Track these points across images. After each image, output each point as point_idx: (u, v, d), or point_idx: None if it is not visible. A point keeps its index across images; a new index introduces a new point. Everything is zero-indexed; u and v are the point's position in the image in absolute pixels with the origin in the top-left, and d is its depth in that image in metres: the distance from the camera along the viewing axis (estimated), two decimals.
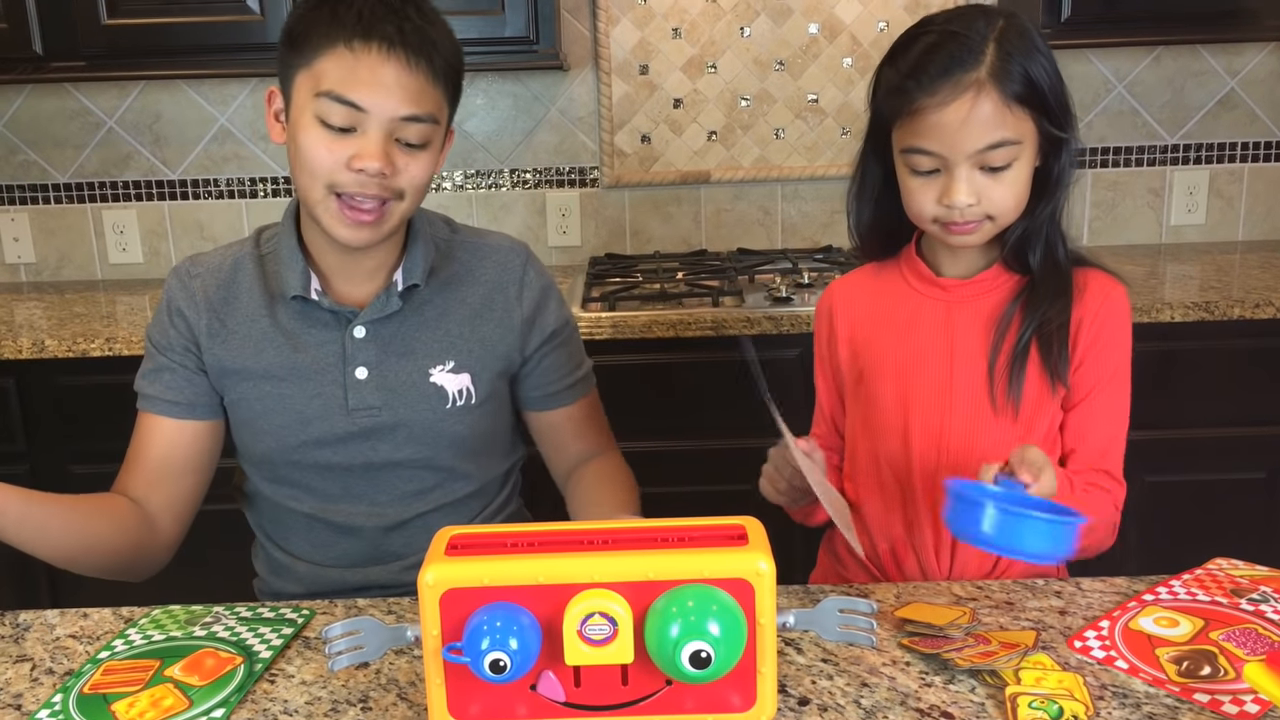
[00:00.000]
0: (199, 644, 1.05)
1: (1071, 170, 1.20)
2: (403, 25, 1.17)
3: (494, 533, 0.90)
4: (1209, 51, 2.61)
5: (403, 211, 1.24)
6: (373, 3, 1.18)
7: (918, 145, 1.15)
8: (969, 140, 1.12)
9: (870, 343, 1.30)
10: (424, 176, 1.23)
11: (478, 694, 0.87)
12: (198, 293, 1.32)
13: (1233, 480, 2.22)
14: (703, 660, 0.81)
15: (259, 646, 1.04)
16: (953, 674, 0.96)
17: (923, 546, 1.28)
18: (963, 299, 1.25)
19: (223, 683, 0.98)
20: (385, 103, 1.17)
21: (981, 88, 1.12)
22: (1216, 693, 0.92)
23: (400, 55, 1.17)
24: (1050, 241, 1.22)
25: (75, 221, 2.71)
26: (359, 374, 1.29)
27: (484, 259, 1.37)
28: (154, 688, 0.98)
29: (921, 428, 1.25)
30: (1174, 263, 2.54)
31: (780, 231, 2.71)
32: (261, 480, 1.36)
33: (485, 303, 1.35)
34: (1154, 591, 1.10)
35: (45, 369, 2.14)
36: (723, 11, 2.59)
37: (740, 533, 0.88)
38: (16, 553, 1.18)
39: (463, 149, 2.66)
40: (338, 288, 1.31)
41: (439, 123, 1.23)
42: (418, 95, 1.19)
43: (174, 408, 1.31)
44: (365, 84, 1.16)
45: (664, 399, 2.14)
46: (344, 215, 1.20)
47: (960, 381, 1.24)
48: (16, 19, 2.26)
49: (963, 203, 1.14)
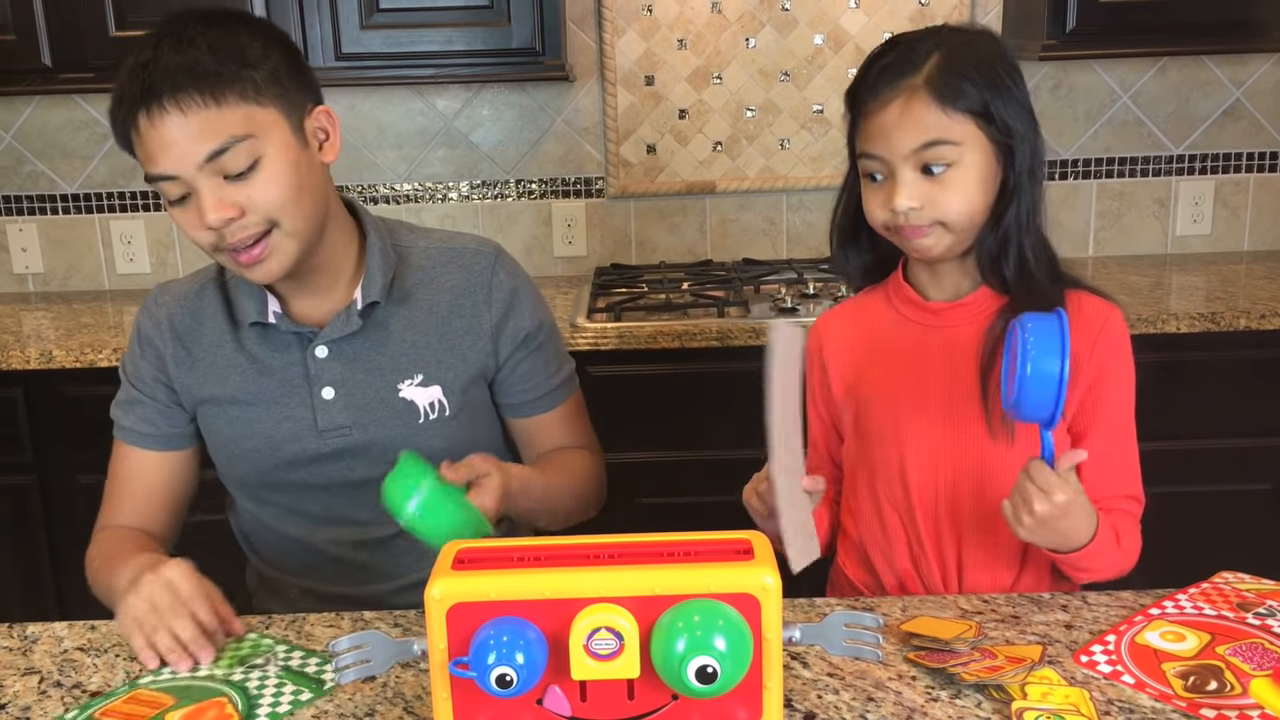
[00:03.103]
0: (218, 691, 1.02)
1: (1035, 180, 1.19)
2: (154, 78, 1.11)
3: (500, 547, 0.90)
4: (1214, 62, 2.61)
5: (294, 235, 1.19)
6: (127, 80, 1.13)
7: (864, 149, 1.19)
8: (904, 139, 1.15)
9: (862, 373, 1.29)
10: (276, 195, 1.16)
11: (484, 708, 0.87)
12: (163, 321, 1.32)
13: (1239, 492, 2.21)
14: (709, 675, 0.81)
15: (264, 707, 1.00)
16: (959, 688, 0.96)
17: (929, 575, 1.26)
18: (952, 323, 1.24)
19: None
20: (181, 159, 1.13)
21: (915, 91, 1.15)
22: (1224, 708, 0.92)
23: (169, 106, 1.11)
24: (1023, 253, 1.20)
25: (83, 232, 2.72)
26: (325, 394, 1.28)
27: (449, 263, 1.33)
28: None
29: (917, 456, 1.24)
30: (1179, 273, 2.54)
31: (785, 242, 2.72)
32: (245, 501, 1.37)
33: (452, 309, 1.31)
34: (1160, 605, 1.10)
35: (52, 379, 2.15)
36: (728, 22, 2.59)
37: (746, 547, 0.88)
38: (24, 564, 1.18)
39: (469, 159, 2.67)
40: (296, 309, 1.30)
41: (252, 135, 1.14)
42: (204, 130, 1.12)
43: (149, 440, 1.32)
44: (158, 153, 1.14)
45: (669, 409, 2.15)
46: (239, 263, 1.19)
47: (956, 408, 1.22)
48: (25, 31, 2.27)
49: (904, 206, 1.16)
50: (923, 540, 1.25)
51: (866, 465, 1.28)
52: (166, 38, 1.14)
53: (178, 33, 1.14)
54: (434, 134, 2.65)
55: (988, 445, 1.20)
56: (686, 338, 2.10)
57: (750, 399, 1.72)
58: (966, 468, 1.22)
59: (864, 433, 1.28)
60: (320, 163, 1.23)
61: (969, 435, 1.21)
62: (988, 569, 1.24)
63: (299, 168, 1.18)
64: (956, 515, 1.23)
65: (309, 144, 1.21)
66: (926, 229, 1.17)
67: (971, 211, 1.17)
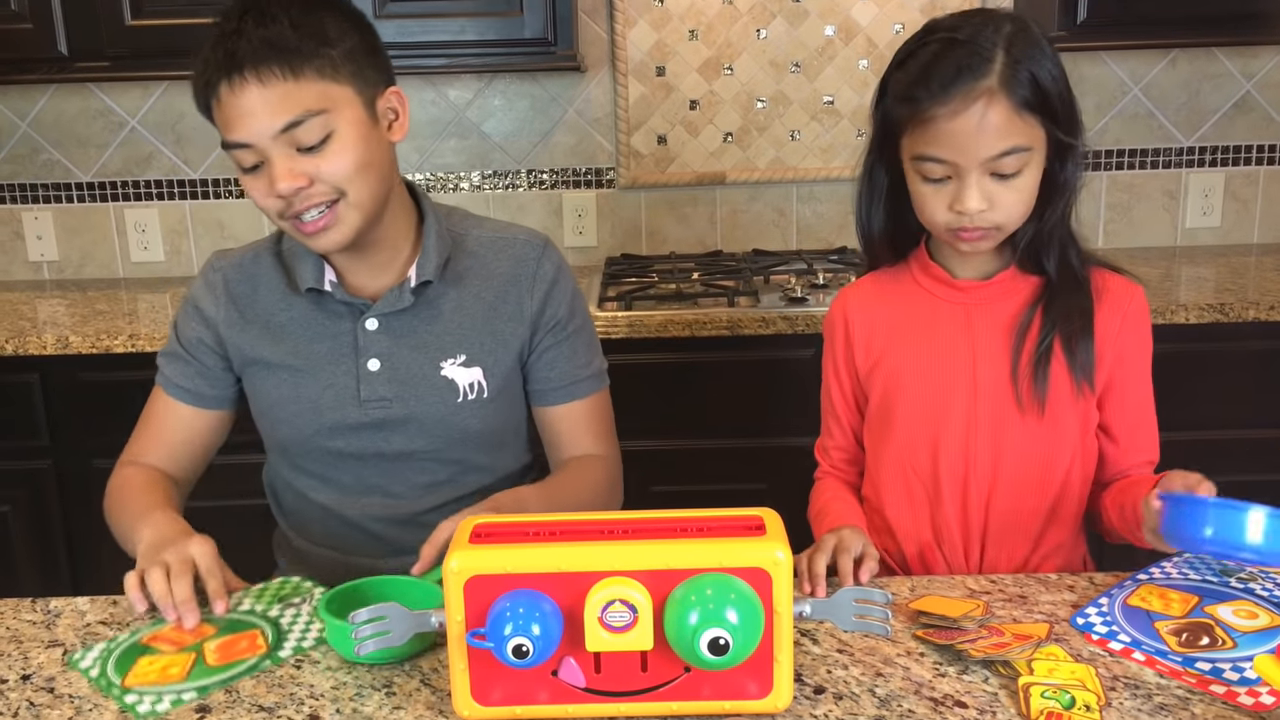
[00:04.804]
0: (253, 624, 1.09)
1: (1079, 174, 1.21)
2: (237, 49, 1.16)
3: (517, 522, 0.92)
4: (1225, 54, 2.61)
5: (358, 207, 1.23)
6: (211, 48, 1.18)
7: (929, 153, 1.16)
8: (981, 148, 1.13)
9: (889, 347, 1.31)
10: (345, 167, 1.20)
11: (500, 679, 0.89)
12: (218, 285, 1.36)
13: (1247, 483, 2.17)
14: (721, 647, 0.83)
15: (290, 640, 1.07)
16: (966, 665, 0.97)
17: (951, 550, 1.28)
18: (981, 301, 1.26)
19: (228, 668, 1.01)
20: (257, 127, 1.17)
21: (993, 96, 1.12)
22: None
23: (249, 77, 1.16)
24: (1063, 245, 1.23)
25: (98, 220, 2.74)
26: (371, 365, 1.32)
27: (500, 252, 1.37)
28: (182, 654, 1.03)
29: (948, 430, 1.26)
30: (1189, 265, 2.54)
31: (795, 232, 2.73)
32: (283, 468, 1.40)
33: (500, 296, 1.35)
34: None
35: (69, 365, 2.17)
36: (739, 13, 2.60)
37: (758, 523, 0.90)
38: (40, 548, 1.22)
39: (480, 150, 2.68)
40: (352, 281, 1.34)
41: (326, 110, 1.19)
42: (282, 102, 1.17)
43: (185, 394, 1.37)
44: (237, 120, 1.18)
45: (679, 398, 2.16)
46: (303, 232, 1.23)
47: (984, 383, 1.25)
48: (42, 20, 2.29)
49: (974, 209, 1.15)
50: (947, 513, 1.27)
51: (893, 438, 1.30)
52: (251, 11, 1.18)
53: (262, 8, 1.19)
54: (446, 124, 2.67)
55: (1017, 418, 1.23)
56: (696, 327, 2.11)
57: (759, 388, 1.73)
58: (994, 442, 1.25)
59: (891, 407, 1.30)
60: (388, 141, 1.27)
61: (998, 410, 1.24)
62: (1007, 543, 1.27)
63: (368, 143, 1.23)
64: (983, 488, 1.26)
65: (379, 122, 1.26)
66: (987, 231, 1.18)
67: (1027, 212, 1.19)
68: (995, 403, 1.24)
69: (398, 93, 1.28)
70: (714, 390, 2.15)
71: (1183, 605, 1.05)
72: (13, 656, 1.05)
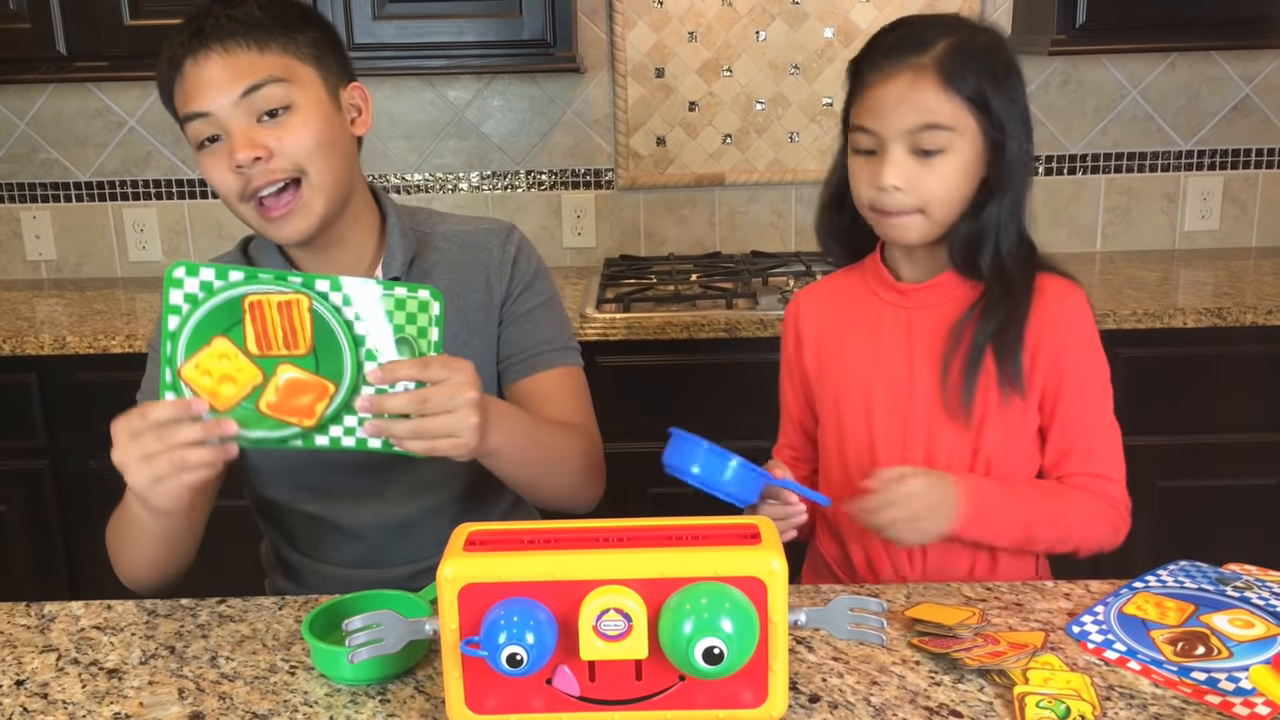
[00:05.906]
0: (339, 370, 1.04)
1: (1025, 179, 1.21)
2: (204, 26, 1.18)
3: (511, 529, 0.92)
4: (1224, 58, 2.61)
5: (321, 190, 1.21)
6: (176, 35, 1.20)
7: (859, 121, 1.20)
8: (902, 117, 1.16)
9: (835, 348, 1.31)
10: (306, 140, 1.19)
11: (494, 687, 0.89)
12: None
13: (1245, 486, 2.22)
14: (715, 656, 0.83)
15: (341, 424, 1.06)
16: (962, 673, 0.97)
17: (896, 553, 1.27)
18: (921, 304, 1.26)
19: (268, 426, 1.04)
20: (217, 95, 1.17)
21: (922, 70, 1.16)
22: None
23: (214, 48, 1.17)
24: (1000, 247, 1.21)
25: (96, 220, 2.74)
26: None
27: (466, 245, 1.36)
28: (250, 369, 1.04)
29: (885, 433, 1.26)
30: (1187, 268, 2.54)
31: (794, 234, 2.72)
32: (269, 479, 1.38)
33: (469, 287, 1.34)
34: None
35: (66, 365, 2.17)
36: (738, 15, 2.60)
37: (753, 532, 0.90)
38: (37, 549, 1.20)
39: (479, 150, 2.68)
40: None
41: (288, 80, 1.19)
42: (245, 68, 1.17)
43: None
44: (197, 90, 1.18)
45: (677, 400, 2.16)
46: (264, 217, 1.21)
47: (920, 388, 1.24)
48: (40, 19, 2.29)
49: (889, 183, 1.16)
50: None
51: (838, 442, 1.30)
52: (219, 1, 1.20)
53: None
54: (445, 125, 2.66)
55: (948, 426, 1.23)
56: (695, 329, 2.11)
57: (758, 389, 1.73)
58: (929, 449, 1.24)
59: (836, 410, 1.30)
60: (350, 133, 1.27)
61: (931, 416, 1.24)
62: (951, 550, 1.24)
63: (330, 124, 1.22)
64: None
65: (342, 111, 1.26)
66: (906, 214, 1.18)
67: (951, 201, 1.19)
68: (929, 407, 1.24)
69: (361, 89, 1.29)
70: (712, 392, 2.15)
71: (1179, 614, 1.05)
72: (6, 662, 1.05)
